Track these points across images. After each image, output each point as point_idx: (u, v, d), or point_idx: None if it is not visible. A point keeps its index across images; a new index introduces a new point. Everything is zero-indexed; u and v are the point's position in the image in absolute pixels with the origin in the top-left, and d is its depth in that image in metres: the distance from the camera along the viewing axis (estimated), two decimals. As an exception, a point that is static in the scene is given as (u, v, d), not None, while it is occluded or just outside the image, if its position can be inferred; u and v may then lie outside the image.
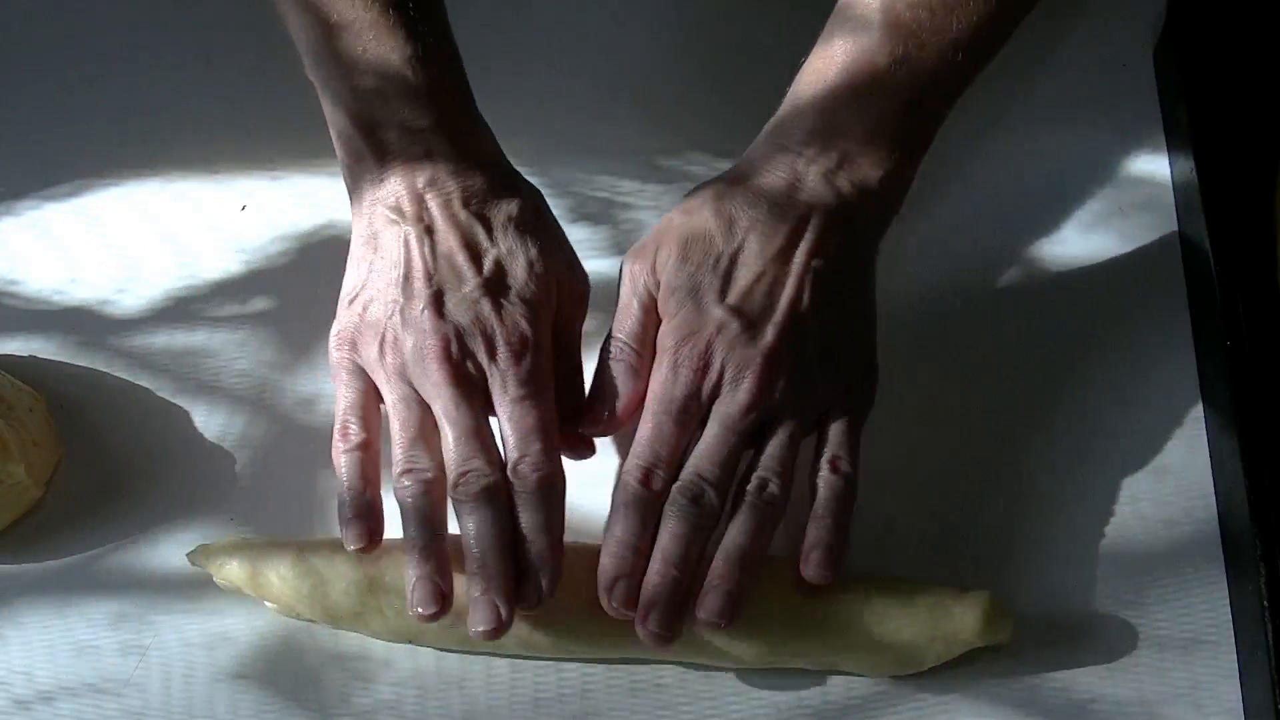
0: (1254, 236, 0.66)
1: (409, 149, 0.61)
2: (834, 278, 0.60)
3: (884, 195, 0.61)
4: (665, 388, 0.59)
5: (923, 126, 0.62)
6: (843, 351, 0.61)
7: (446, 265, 0.60)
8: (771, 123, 0.63)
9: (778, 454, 0.59)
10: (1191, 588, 0.62)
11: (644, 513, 0.58)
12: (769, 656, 0.59)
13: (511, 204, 0.61)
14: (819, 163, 0.60)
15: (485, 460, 0.57)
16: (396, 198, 0.61)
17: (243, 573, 0.60)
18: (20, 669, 0.62)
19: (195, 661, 0.62)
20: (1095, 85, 0.74)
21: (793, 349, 0.59)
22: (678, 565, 0.57)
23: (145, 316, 0.69)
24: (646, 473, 0.58)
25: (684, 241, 0.60)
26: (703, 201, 0.61)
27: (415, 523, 0.57)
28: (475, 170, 0.61)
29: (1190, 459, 0.65)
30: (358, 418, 0.60)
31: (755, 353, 0.58)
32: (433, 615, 0.57)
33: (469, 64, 0.63)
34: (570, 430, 0.61)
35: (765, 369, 0.58)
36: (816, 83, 0.61)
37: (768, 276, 0.59)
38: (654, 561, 0.57)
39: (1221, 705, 0.60)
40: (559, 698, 0.61)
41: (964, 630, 0.59)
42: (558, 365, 0.61)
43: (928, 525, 0.64)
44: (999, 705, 0.60)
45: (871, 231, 0.62)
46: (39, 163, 0.73)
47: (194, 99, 0.75)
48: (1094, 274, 0.69)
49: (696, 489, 0.57)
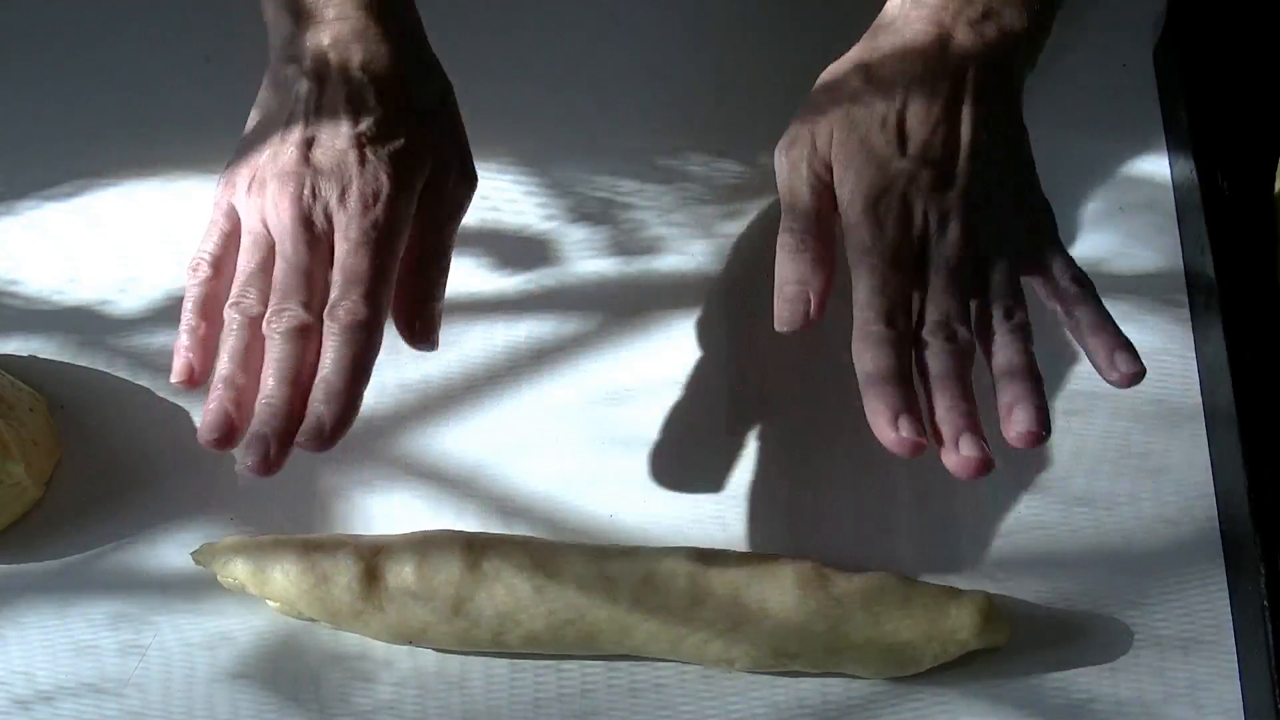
0: (1254, 236, 0.66)
1: (325, 10, 0.62)
2: (999, 123, 0.60)
3: (1031, 40, 0.61)
4: (874, 243, 0.58)
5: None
6: (1027, 192, 0.61)
7: (327, 116, 0.60)
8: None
9: (1004, 282, 0.58)
10: (1191, 588, 0.62)
11: (898, 348, 0.56)
12: (768, 660, 0.59)
13: (414, 85, 0.62)
14: (964, 14, 0.60)
15: (303, 300, 0.57)
16: (301, 51, 0.62)
17: (247, 570, 0.60)
18: (20, 669, 0.62)
19: (195, 661, 0.62)
20: (1095, 85, 0.74)
21: (985, 192, 0.59)
22: (965, 397, 0.56)
23: (145, 316, 0.69)
24: (887, 315, 0.56)
25: (845, 113, 0.60)
26: (846, 76, 0.61)
27: (228, 353, 0.58)
28: (386, 41, 0.61)
29: (1190, 459, 0.65)
30: (210, 255, 0.61)
31: (954, 196, 0.58)
32: (214, 441, 0.56)
33: (469, 64, 0.63)
34: (416, 312, 0.61)
35: (967, 211, 0.58)
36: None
37: (941, 127, 0.59)
38: (939, 397, 0.56)
39: (1221, 705, 0.60)
40: (559, 698, 0.61)
41: (960, 631, 0.59)
42: (418, 245, 0.60)
43: (926, 525, 0.64)
44: (998, 705, 0.60)
45: (1019, 78, 0.62)
46: (39, 163, 0.73)
47: (194, 99, 0.75)
48: (1094, 274, 0.69)
49: (948, 328, 0.57)
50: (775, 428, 0.66)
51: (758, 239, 0.71)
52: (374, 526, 0.64)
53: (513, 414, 0.67)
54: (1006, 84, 0.61)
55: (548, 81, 0.76)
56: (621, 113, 0.75)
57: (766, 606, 0.59)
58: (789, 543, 0.64)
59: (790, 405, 0.67)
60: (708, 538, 0.64)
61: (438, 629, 0.60)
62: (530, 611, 0.59)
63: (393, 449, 0.66)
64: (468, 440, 0.66)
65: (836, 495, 0.65)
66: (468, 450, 0.66)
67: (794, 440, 0.66)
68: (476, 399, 0.67)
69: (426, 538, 0.61)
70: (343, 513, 0.65)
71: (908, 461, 0.65)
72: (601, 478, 0.65)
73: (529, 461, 0.66)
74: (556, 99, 0.75)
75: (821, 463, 0.66)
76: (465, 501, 0.65)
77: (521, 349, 0.69)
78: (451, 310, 0.68)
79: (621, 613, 0.59)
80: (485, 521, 0.64)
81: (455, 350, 0.68)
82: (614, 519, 0.65)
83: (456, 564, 0.60)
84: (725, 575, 0.60)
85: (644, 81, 0.76)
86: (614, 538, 0.64)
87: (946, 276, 0.57)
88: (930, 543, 0.64)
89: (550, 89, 0.76)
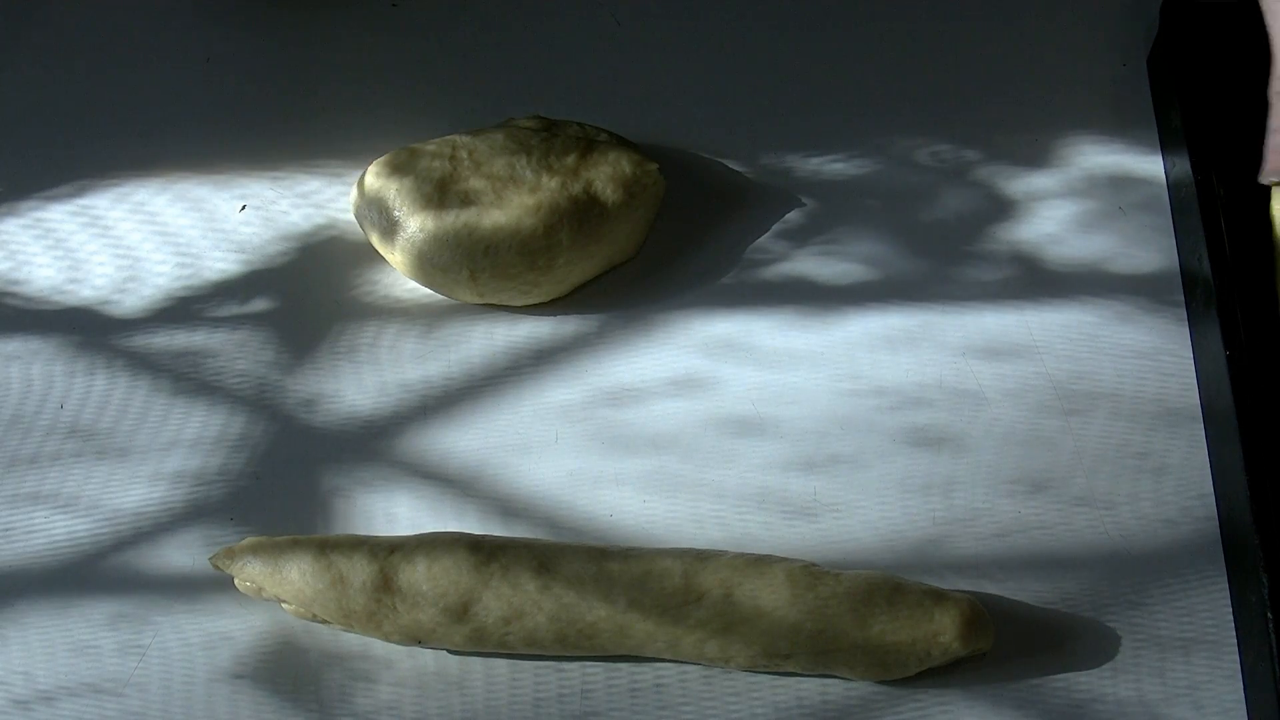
0: (1250, 237, 0.66)
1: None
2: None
3: None
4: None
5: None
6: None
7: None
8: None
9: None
10: (1192, 588, 0.62)
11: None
12: (762, 660, 0.60)
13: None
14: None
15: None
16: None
17: (265, 570, 0.61)
18: (20, 669, 0.62)
19: (195, 661, 0.62)
20: (1093, 88, 0.74)
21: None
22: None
23: (145, 316, 0.69)
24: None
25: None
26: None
27: None
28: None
29: (1190, 459, 0.65)
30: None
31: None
32: None
33: (469, 65, 0.63)
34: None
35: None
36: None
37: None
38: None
39: (1221, 705, 0.60)
40: (559, 698, 0.61)
41: (943, 634, 0.59)
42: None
43: (926, 525, 0.64)
44: (999, 705, 0.60)
45: None
46: (40, 163, 0.73)
47: (194, 99, 0.75)
48: (1093, 274, 0.70)
49: None
50: (775, 428, 0.66)
51: (758, 238, 0.71)
52: (374, 527, 0.64)
53: (513, 414, 0.67)
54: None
55: (548, 82, 0.76)
56: (622, 113, 0.75)
57: (759, 605, 0.59)
58: (789, 543, 0.64)
59: (790, 405, 0.67)
60: (708, 538, 0.64)
61: (446, 630, 0.60)
62: (534, 612, 0.59)
63: (393, 449, 0.66)
64: (468, 440, 0.66)
65: (837, 495, 0.65)
66: (468, 450, 0.66)
67: (794, 440, 0.66)
68: (477, 399, 0.67)
69: (435, 539, 0.61)
70: (343, 513, 0.65)
71: (907, 460, 0.65)
72: (601, 478, 0.65)
73: (529, 462, 0.66)
74: (557, 99, 0.75)
75: (822, 462, 0.66)
76: (466, 502, 0.65)
77: (521, 349, 0.69)
78: (452, 310, 0.69)
79: (618, 612, 0.59)
80: (486, 522, 0.64)
81: (456, 350, 0.68)
82: (614, 519, 0.65)
83: (464, 565, 0.60)
84: (719, 574, 0.60)
85: (644, 81, 0.76)
86: (614, 538, 0.64)
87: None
88: (930, 543, 0.64)
89: (550, 89, 0.76)
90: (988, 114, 0.74)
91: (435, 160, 0.68)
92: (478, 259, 0.66)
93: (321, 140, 0.73)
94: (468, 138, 0.69)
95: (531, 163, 0.68)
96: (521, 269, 0.67)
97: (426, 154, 0.68)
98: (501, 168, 0.68)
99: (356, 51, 0.76)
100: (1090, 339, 0.68)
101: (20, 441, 0.66)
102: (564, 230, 0.67)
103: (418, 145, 0.69)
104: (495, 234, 0.66)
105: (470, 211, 0.67)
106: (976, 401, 0.67)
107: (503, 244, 0.66)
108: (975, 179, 0.72)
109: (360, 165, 0.71)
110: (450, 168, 0.68)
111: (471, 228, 0.66)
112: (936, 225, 0.71)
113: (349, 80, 0.75)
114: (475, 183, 0.67)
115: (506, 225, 0.66)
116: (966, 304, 0.69)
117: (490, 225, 0.66)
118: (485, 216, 0.67)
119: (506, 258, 0.67)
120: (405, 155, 0.69)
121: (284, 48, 0.76)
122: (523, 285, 0.68)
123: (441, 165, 0.68)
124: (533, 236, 0.67)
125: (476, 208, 0.67)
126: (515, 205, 0.67)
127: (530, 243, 0.67)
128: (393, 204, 0.67)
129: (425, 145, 0.69)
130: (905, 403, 0.67)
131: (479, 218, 0.67)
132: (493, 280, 0.67)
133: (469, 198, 0.67)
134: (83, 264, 0.71)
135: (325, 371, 0.68)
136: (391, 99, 0.75)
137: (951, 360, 0.68)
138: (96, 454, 0.66)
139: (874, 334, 0.68)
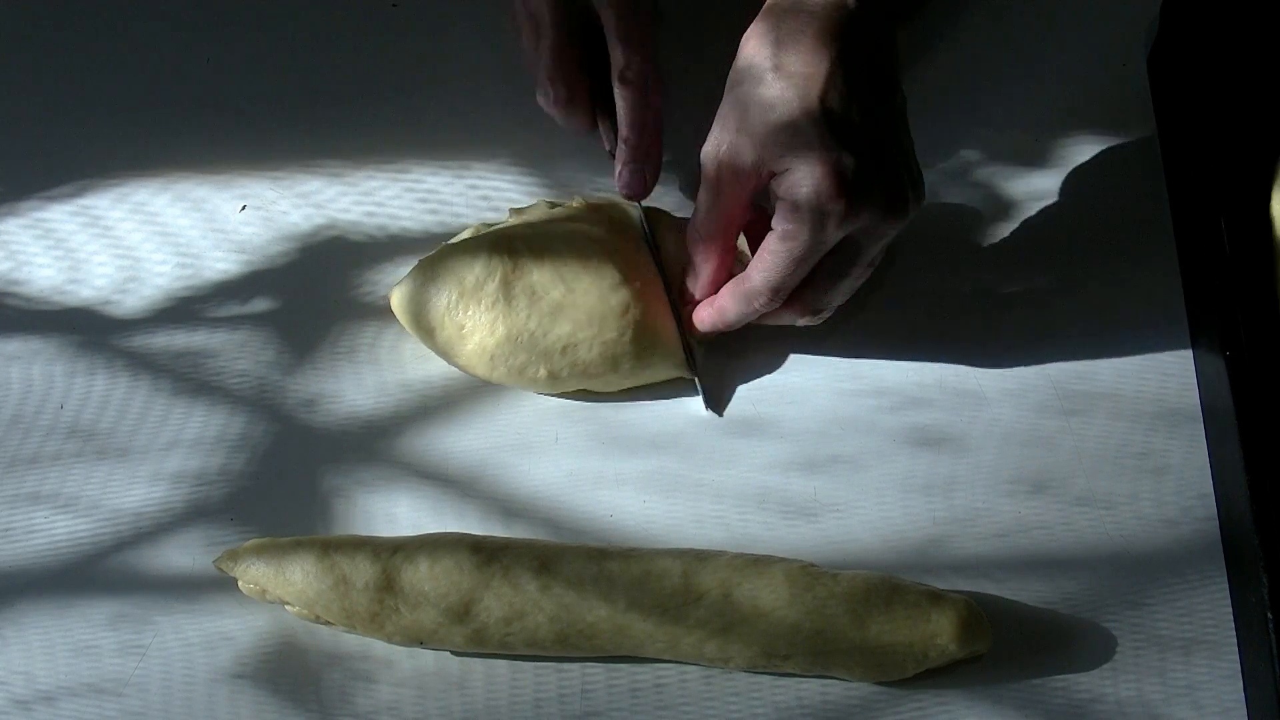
0: (1250, 237, 0.66)
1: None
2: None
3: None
4: None
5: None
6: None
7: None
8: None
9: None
10: (1192, 588, 0.62)
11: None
12: (761, 661, 0.60)
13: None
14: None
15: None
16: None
17: (268, 572, 0.61)
18: (20, 669, 0.62)
19: (195, 661, 0.62)
20: (1094, 88, 0.74)
21: None
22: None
23: (145, 316, 0.69)
24: None
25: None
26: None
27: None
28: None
29: (1190, 459, 0.65)
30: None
31: None
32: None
33: (469, 67, 0.63)
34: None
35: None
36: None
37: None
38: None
39: (1221, 705, 0.60)
40: (559, 698, 0.61)
41: (940, 635, 0.59)
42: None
43: (926, 526, 0.64)
44: (999, 705, 0.60)
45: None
46: (40, 163, 0.73)
47: (194, 99, 0.75)
48: (1092, 274, 0.70)
49: None
50: (775, 428, 0.66)
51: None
52: (375, 528, 0.64)
53: (513, 414, 0.67)
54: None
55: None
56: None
57: (758, 606, 0.59)
58: (790, 543, 0.64)
59: (790, 405, 0.67)
60: (707, 538, 0.64)
61: (447, 631, 0.60)
62: (535, 613, 0.59)
63: (393, 450, 0.66)
64: (468, 440, 0.66)
65: (837, 495, 0.65)
66: (468, 450, 0.66)
67: (794, 440, 0.66)
68: (477, 399, 0.67)
69: (437, 540, 0.61)
70: (343, 513, 0.65)
71: (907, 460, 0.65)
72: (601, 478, 0.65)
73: (529, 462, 0.66)
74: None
75: (822, 462, 0.66)
76: (466, 502, 0.65)
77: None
78: (452, 310, 0.68)
79: (618, 612, 0.59)
80: (486, 522, 0.64)
81: (455, 350, 0.68)
82: (614, 519, 0.65)
83: (466, 566, 0.60)
84: (718, 575, 0.60)
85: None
86: (614, 538, 0.64)
87: None
88: (930, 543, 0.64)
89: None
90: (988, 114, 0.74)
91: (494, 255, 0.65)
92: (554, 359, 0.65)
93: (321, 140, 0.73)
94: (519, 223, 0.67)
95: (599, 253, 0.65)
96: (604, 369, 0.65)
97: (484, 244, 0.65)
98: (570, 257, 0.65)
99: (356, 51, 0.76)
100: (1090, 339, 0.68)
101: (20, 441, 0.67)
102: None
103: (467, 237, 0.67)
104: (573, 335, 0.65)
105: (541, 307, 0.64)
106: (976, 401, 0.67)
107: (582, 344, 0.65)
108: (975, 179, 0.72)
109: (361, 165, 0.72)
110: (511, 264, 0.65)
111: (546, 329, 0.64)
112: (936, 224, 0.71)
113: (349, 80, 0.75)
114: (539, 275, 0.65)
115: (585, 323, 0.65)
116: (966, 304, 0.69)
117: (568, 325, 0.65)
118: (560, 316, 0.65)
119: (586, 357, 0.65)
120: (449, 251, 0.66)
121: (284, 48, 0.76)
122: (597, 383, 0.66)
123: (500, 261, 0.65)
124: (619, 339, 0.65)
125: (546, 303, 0.64)
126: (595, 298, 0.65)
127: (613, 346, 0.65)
128: (451, 308, 0.65)
129: (477, 234, 0.67)
130: (905, 403, 0.67)
131: (554, 317, 0.65)
132: (571, 378, 0.66)
133: (536, 291, 0.65)
134: (83, 264, 0.71)
135: (325, 371, 0.68)
136: (391, 99, 0.75)
137: (951, 360, 0.68)
138: (97, 454, 0.66)
139: (874, 334, 0.68)
